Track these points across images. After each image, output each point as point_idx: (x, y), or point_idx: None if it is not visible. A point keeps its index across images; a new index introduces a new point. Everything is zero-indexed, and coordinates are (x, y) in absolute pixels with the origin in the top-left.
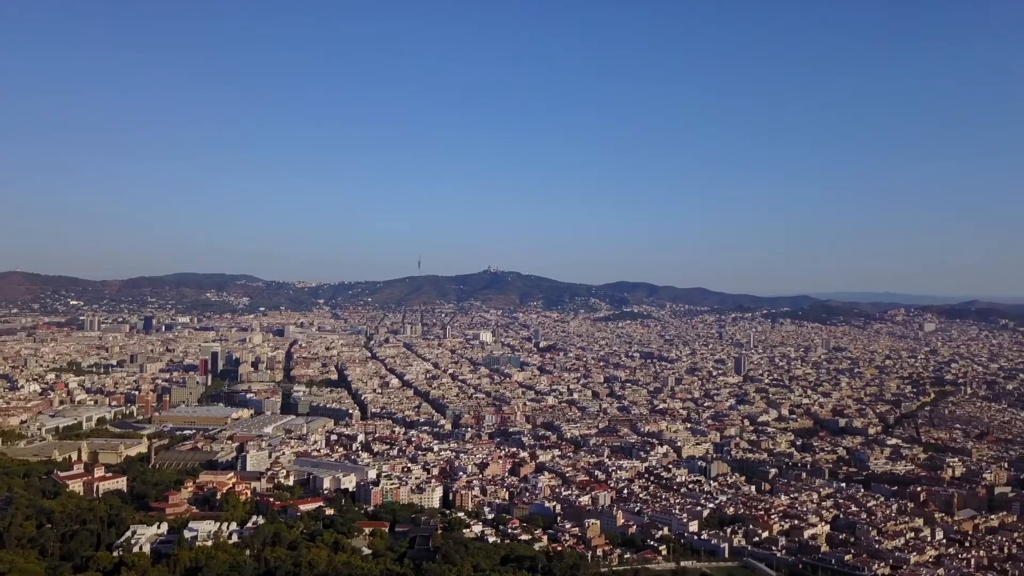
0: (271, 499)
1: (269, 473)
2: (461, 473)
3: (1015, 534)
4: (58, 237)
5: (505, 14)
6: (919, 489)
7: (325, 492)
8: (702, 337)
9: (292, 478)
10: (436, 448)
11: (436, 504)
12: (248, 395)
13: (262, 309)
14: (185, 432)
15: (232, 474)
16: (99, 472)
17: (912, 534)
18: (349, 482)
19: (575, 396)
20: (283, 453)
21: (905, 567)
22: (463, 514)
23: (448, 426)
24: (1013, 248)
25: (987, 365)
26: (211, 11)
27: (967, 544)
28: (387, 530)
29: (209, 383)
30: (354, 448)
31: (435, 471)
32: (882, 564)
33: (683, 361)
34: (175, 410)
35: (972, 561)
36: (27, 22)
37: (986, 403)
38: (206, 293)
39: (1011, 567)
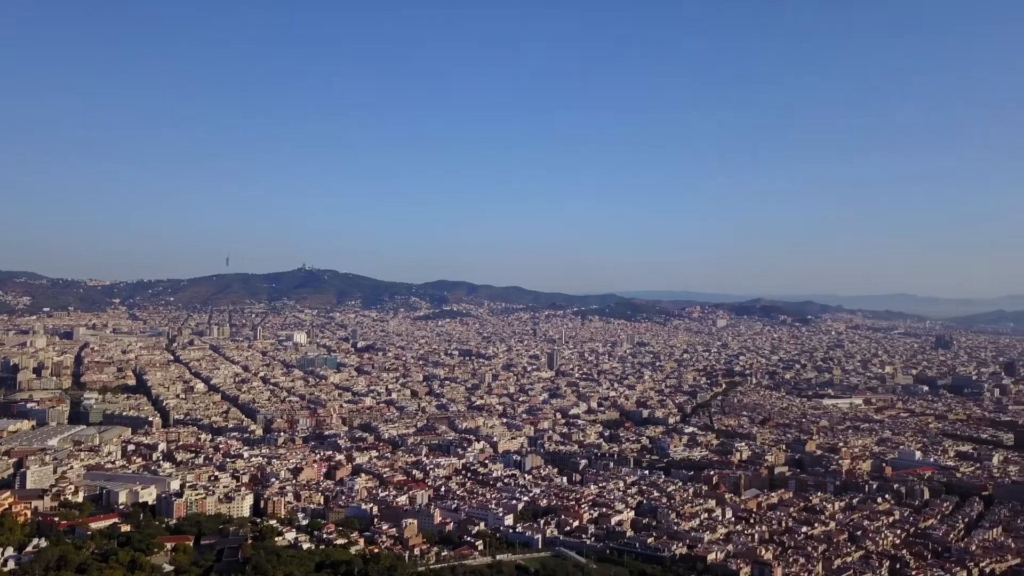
0: (56, 518)
1: (54, 490)
2: (273, 479)
3: (791, 509)
4: None
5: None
6: (712, 473)
7: (121, 507)
8: (518, 334)
9: (82, 494)
10: (246, 454)
11: (246, 513)
12: (29, 404)
13: (46, 310)
14: None
15: (8, 493)
16: None
17: (706, 515)
18: (149, 495)
19: (394, 396)
20: (71, 467)
21: (700, 545)
22: (276, 522)
23: (259, 431)
24: (790, 254)
25: (769, 357)
26: None
27: (752, 520)
28: (192, 544)
29: None
30: (155, 458)
31: (245, 478)
32: (680, 544)
33: (500, 358)
34: None
35: (756, 536)
36: None
37: (768, 391)
38: None
39: (787, 538)
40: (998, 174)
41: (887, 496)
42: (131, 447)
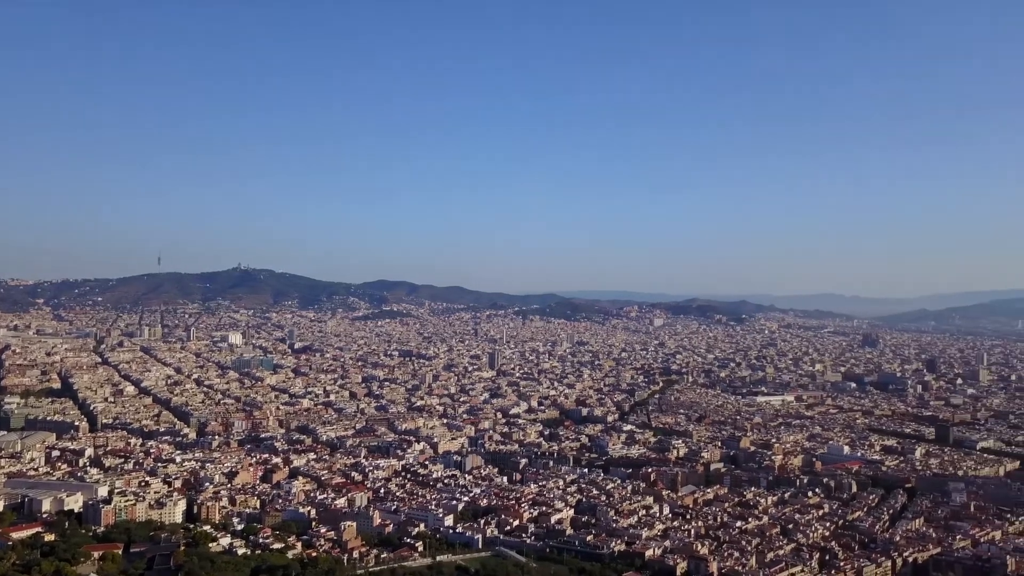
0: None
1: None
2: (207, 484)
3: (726, 504)
4: None
5: None
6: (650, 470)
7: (44, 516)
8: (459, 334)
9: (2, 503)
10: (179, 459)
11: (179, 519)
12: None
13: None
14: None
15: None
16: None
17: (644, 511)
18: (75, 502)
19: (332, 397)
20: None
21: (638, 542)
22: (210, 527)
23: (192, 435)
24: (725, 256)
25: (705, 356)
26: None
27: (688, 516)
28: (121, 552)
29: None
30: (81, 464)
31: (178, 483)
32: (618, 541)
33: (440, 358)
34: None
35: (692, 531)
36: None
37: (704, 389)
38: None
39: (723, 533)
40: (921, 179)
41: (817, 490)
42: (56, 453)
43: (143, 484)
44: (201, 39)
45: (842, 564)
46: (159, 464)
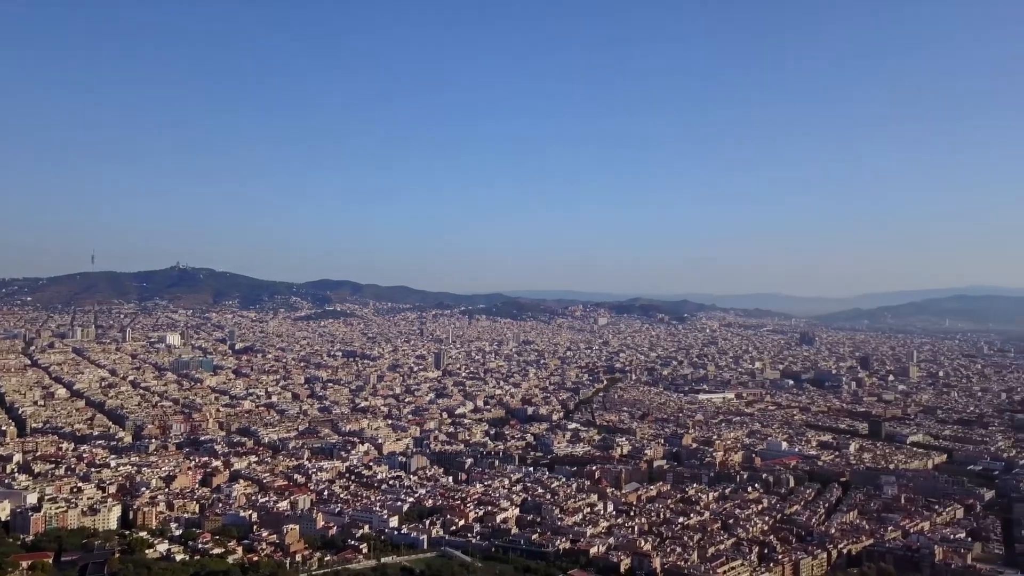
0: None
1: None
2: (144, 489)
3: (669, 501)
4: None
5: None
6: (594, 468)
7: None
8: (404, 334)
9: None
10: (113, 463)
11: (114, 525)
12: None
13: None
14: None
15: None
16: None
17: (588, 509)
18: (2, 510)
19: (274, 399)
20: None
21: (582, 540)
22: (146, 533)
23: (128, 438)
24: (667, 256)
25: (647, 354)
26: None
27: (632, 513)
28: (51, 561)
29: None
30: (8, 470)
31: (112, 489)
32: (563, 539)
33: (385, 358)
34: None
35: (636, 528)
36: None
37: (647, 387)
38: None
39: (665, 529)
40: (855, 182)
41: (756, 485)
42: None
43: (75, 490)
44: (139, 35)
45: (780, 557)
46: (92, 469)
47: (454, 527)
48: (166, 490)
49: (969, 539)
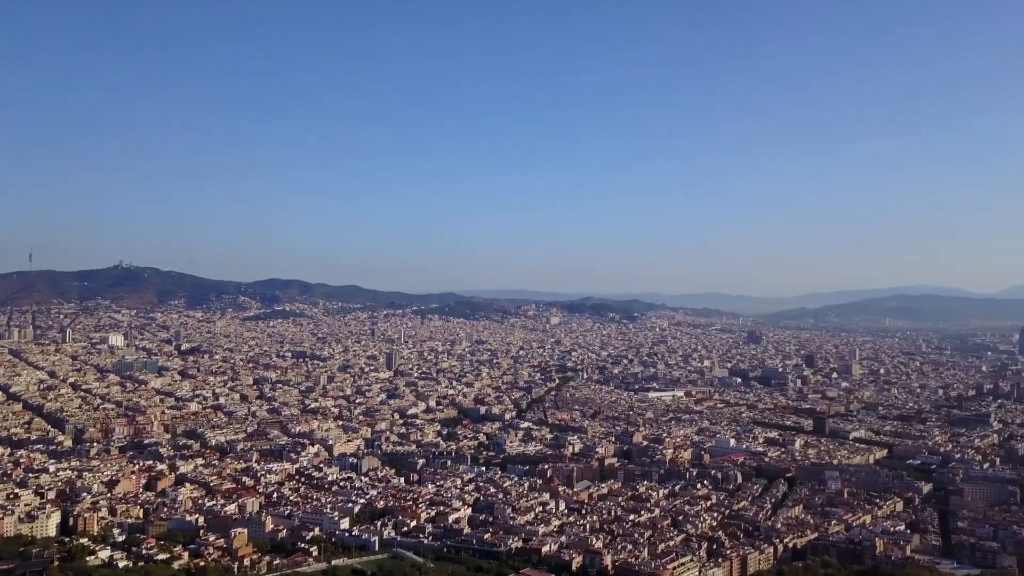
0: None
1: None
2: (85, 494)
3: (620, 498)
4: None
5: None
6: (546, 467)
7: None
8: (355, 334)
9: None
10: (52, 468)
11: (53, 532)
12: None
13: None
14: None
15: None
16: None
17: (540, 508)
18: None
19: (221, 400)
20: None
21: (535, 539)
22: (87, 540)
23: (68, 442)
24: (618, 256)
25: (599, 353)
26: None
27: (583, 511)
28: None
29: None
30: None
31: (51, 494)
32: (515, 538)
33: (336, 359)
34: None
35: (587, 526)
36: None
37: (599, 386)
38: None
39: (616, 527)
40: (799, 183)
41: (705, 482)
42: None
43: (12, 496)
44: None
45: (728, 552)
46: (30, 475)
47: (406, 528)
48: (108, 495)
49: (908, 531)
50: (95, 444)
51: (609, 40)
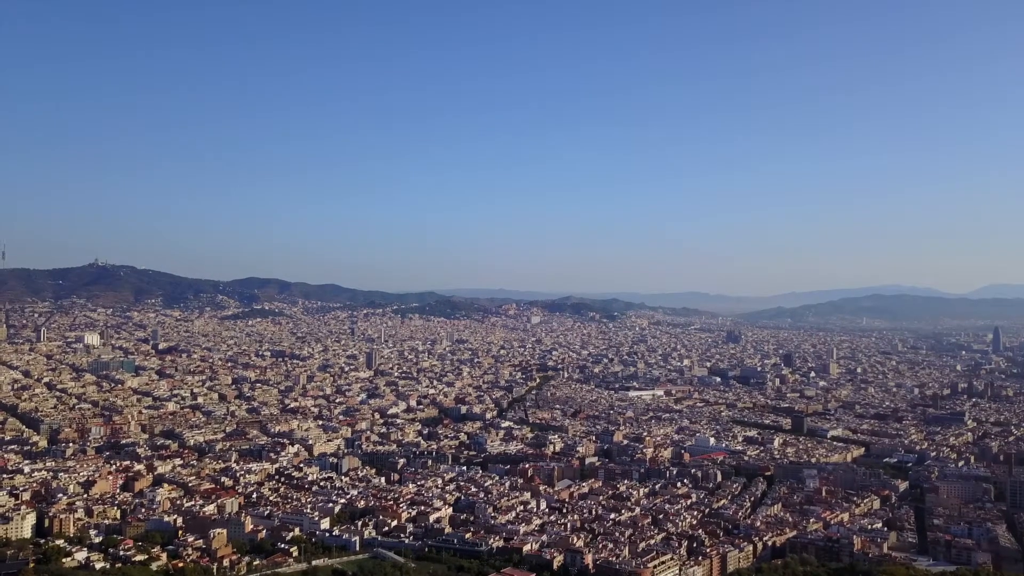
0: None
1: None
2: (60, 495)
3: (600, 497)
4: None
5: None
6: (527, 466)
7: None
8: (335, 333)
9: None
10: (27, 469)
11: (28, 534)
12: None
13: None
14: None
15: None
16: None
17: (522, 507)
18: None
19: (200, 400)
20: None
21: (516, 538)
22: (63, 541)
23: (43, 443)
24: (598, 255)
25: (579, 352)
26: None
27: (564, 510)
28: None
29: None
30: None
31: (26, 496)
32: (497, 537)
33: (315, 358)
34: None
35: (568, 525)
36: None
37: (579, 385)
38: None
39: (597, 525)
40: (778, 185)
41: (685, 480)
42: None
43: None
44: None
45: (708, 551)
46: (4, 476)
47: (387, 528)
48: (85, 496)
49: (885, 529)
50: (71, 444)
51: (589, 41)
